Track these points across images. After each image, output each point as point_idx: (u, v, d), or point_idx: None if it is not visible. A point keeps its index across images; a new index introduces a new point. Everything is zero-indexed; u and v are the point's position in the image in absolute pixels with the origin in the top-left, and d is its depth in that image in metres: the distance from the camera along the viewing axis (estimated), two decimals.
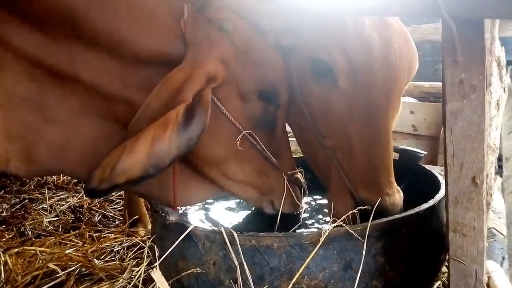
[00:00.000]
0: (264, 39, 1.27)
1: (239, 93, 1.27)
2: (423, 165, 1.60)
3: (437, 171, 1.49)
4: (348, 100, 1.25)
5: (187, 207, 1.55)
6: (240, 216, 1.55)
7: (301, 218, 1.43)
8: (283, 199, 1.37)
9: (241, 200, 1.53)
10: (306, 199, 1.51)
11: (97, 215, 2.33)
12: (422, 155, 1.61)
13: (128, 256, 1.69)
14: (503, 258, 1.43)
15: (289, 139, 1.47)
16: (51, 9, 1.14)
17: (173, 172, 1.29)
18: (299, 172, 1.46)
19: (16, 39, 1.16)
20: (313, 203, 1.61)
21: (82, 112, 1.25)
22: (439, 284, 1.25)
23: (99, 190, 1.06)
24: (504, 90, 1.08)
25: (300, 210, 1.45)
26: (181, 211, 1.47)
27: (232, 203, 1.63)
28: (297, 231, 1.33)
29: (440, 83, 0.94)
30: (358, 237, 1.07)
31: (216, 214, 1.56)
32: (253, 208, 1.51)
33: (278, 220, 1.35)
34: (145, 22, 1.18)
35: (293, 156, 1.50)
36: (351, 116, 1.25)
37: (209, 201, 1.59)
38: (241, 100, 1.28)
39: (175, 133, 1.08)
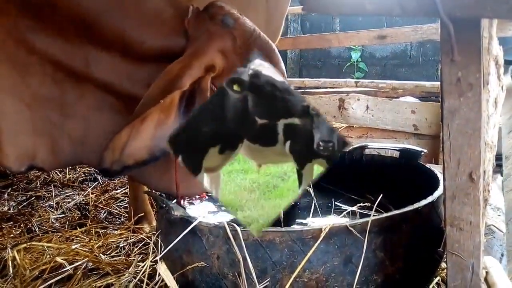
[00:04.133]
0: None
1: None
2: (423, 163, 1.62)
3: (438, 169, 1.51)
4: None
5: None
6: None
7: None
8: None
9: None
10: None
11: (103, 212, 2.35)
12: (422, 153, 1.63)
13: (134, 251, 1.72)
14: (502, 255, 1.44)
15: None
16: (68, 15, 1.25)
17: (175, 161, 1.34)
18: None
19: (40, 45, 1.27)
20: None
21: (97, 108, 1.35)
22: (438, 280, 1.27)
23: (113, 171, 1.17)
24: (502, 89, 1.10)
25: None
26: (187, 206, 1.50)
27: None
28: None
29: None
30: (357, 234, 1.10)
31: None
32: None
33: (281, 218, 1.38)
34: (152, 23, 1.28)
35: None
36: None
37: None
38: None
39: (177, 118, 1.18)
